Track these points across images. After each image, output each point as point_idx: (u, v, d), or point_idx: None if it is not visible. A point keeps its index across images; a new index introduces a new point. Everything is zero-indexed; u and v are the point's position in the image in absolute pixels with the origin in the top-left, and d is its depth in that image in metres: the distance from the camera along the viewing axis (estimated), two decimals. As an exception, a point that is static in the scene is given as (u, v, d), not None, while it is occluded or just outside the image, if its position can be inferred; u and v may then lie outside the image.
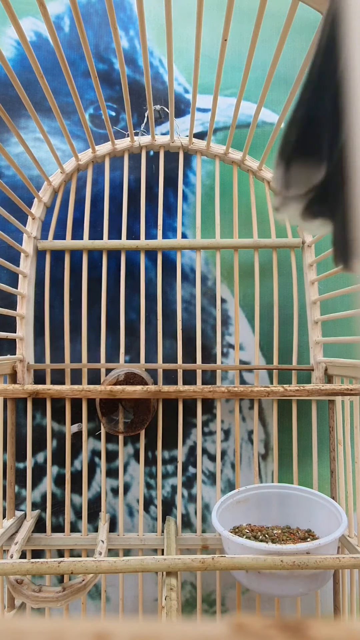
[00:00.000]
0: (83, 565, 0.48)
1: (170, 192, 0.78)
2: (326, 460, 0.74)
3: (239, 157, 0.73)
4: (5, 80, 0.77)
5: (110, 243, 0.73)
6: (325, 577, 0.54)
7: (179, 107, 0.78)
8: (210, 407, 0.75)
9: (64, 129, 0.61)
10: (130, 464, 0.75)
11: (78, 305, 0.74)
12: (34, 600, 0.56)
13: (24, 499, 0.72)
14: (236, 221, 0.74)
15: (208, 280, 0.77)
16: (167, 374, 0.75)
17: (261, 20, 0.42)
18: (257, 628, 0.12)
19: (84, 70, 0.78)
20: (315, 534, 0.63)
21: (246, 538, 0.58)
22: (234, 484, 0.74)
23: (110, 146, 0.73)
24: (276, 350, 0.72)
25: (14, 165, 0.57)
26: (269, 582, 0.53)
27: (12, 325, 0.72)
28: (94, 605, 0.74)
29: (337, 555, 0.49)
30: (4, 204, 0.65)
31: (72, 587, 0.57)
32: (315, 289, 0.72)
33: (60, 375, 0.73)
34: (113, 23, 0.42)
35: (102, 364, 0.72)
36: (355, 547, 0.61)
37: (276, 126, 0.59)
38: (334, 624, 0.13)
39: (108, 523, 0.71)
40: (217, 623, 0.13)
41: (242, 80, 0.52)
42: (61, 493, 0.73)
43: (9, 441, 0.70)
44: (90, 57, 0.48)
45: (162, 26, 0.78)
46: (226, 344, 0.77)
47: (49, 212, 0.74)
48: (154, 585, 0.74)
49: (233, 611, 0.74)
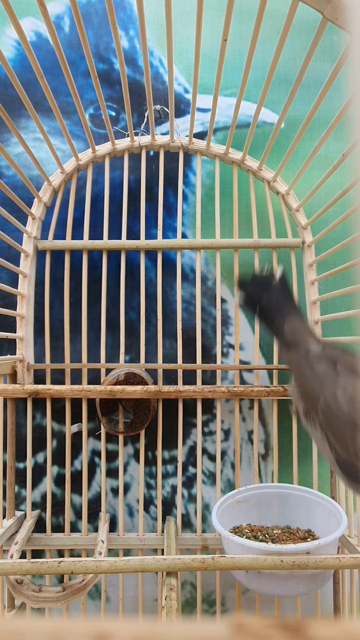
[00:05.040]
0: (83, 565, 0.48)
1: (170, 192, 0.78)
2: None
3: (239, 157, 0.73)
4: (5, 80, 0.77)
5: (110, 243, 0.73)
6: (325, 577, 0.54)
7: (179, 107, 0.78)
8: (210, 407, 0.75)
9: (64, 129, 0.61)
10: (130, 464, 0.75)
11: (78, 305, 0.74)
12: (34, 600, 0.56)
13: (24, 499, 0.72)
14: (236, 221, 0.74)
15: (208, 280, 0.77)
16: (167, 374, 0.75)
17: (261, 20, 0.42)
18: (257, 628, 0.12)
19: (84, 70, 0.78)
20: (315, 534, 0.63)
21: (246, 538, 0.58)
22: (234, 484, 0.74)
23: (110, 146, 0.73)
24: (276, 350, 0.72)
25: (14, 165, 0.57)
26: (269, 582, 0.53)
27: (12, 325, 0.72)
28: (94, 605, 0.74)
29: (337, 555, 0.50)
30: (4, 204, 0.65)
31: (72, 587, 0.57)
32: (315, 289, 0.72)
33: (60, 375, 0.73)
34: (113, 23, 0.42)
35: (102, 364, 0.72)
36: (355, 547, 0.61)
37: (276, 126, 0.59)
38: (334, 624, 0.13)
39: (108, 523, 0.71)
40: (217, 623, 0.13)
41: (242, 80, 0.52)
42: (61, 493, 0.73)
43: (9, 441, 0.70)
44: (90, 57, 0.48)
45: (162, 26, 0.78)
46: (226, 344, 0.77)
47: (49, 212, 0.74)
48: (154, 585, 0.74)
49: (233, 611, 0.74)
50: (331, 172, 0.59)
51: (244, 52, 0.80)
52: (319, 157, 0.72)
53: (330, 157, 0.75)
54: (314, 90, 0.78)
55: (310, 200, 0.71)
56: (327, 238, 0.70)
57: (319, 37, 0.41)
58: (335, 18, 0.38)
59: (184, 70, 0.79)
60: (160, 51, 0.79)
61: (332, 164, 0.57)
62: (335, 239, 0.72)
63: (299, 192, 0.75)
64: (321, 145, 0.57)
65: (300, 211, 0.73)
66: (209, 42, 0.75)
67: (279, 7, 0.61)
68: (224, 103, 0.78)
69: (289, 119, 0.76)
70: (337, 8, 0.37)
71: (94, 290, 0.75)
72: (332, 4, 0.37)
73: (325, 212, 0.63)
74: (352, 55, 0.33)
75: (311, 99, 0.53)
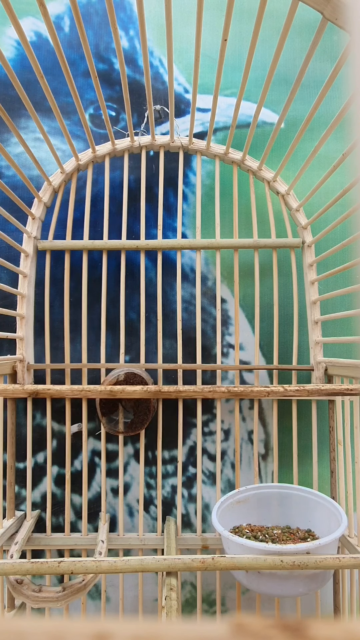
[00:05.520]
0: (83, 565, 0.48)
1: (170, 192, 0.78)
2: (326, 460, 0.74)
3: (239, 157, 0.73)
4: (5, 80, 0.77)
5: (110, 243, 0.73)
6: (325, 577, 0.54)
7: (179, 107, 0.78)
8: (210, 407, 0.75)
9: (64, 129, 0.61)
10: (130, 464, 0.75)
11: (78, 305, 0.74)
12: (34, 600, 0.56)
13: (24, 499, 0.72)
14: (236, 221, 0.74)
15: (208, 280, 0.77)
16: (167, 374, 0.75)
17: (261, 20, 0.42)
18: (257, 628, 0.12)
19: (84, 70, 0.78)
20: (315, 534, 0.63)
21: (246, 538, 0.58)
22: (234, 484, 0.74)
23: (110, 146, 0.73)
24: (276, 350, 0.72)
25: (14, 165, 0.57)
26: (269, 582, 0.53)
27: (12, 325, 0.72)
28: (94, 605, 0.74)
29: (337, 555, 0.49)
30: (4, 204, 0.65)
31: (72, 587, 0.57)
32: (315, 289, 0.72)
33: (60, 375, 0.73)
34: (113, 23, 0.42)
35: (102, 364, 0.72)
36: (355, 547, 0.61)
37: (276, 126, 0.59)
38: (334, 624, 0.13)
39: (108, 523, 0.71)
40: (217, 623, 0.13)
41: (242, 80, 0.52)
42: (61, 493, 0.73)
43: (9, 441, 0.70)
44: (90, 57, 0.48)
45: (162, 26, 0.79)
46: (226, 344, 0.77)
47: (49, 212, 0.74)
48: (154, 585, 0.74)
49: (233, 611, 0.74)
50: (331, 172, 0.59)
51: (244, 52, 0.81)
52: (319, 157, 0.73)
53: (330, 157, 0.75)
54: (314, 90, 0.78)
55: (310, 200, 0.71)
56: (327, 238, 0.70)
57: (319, 37, 0.41)
58: (335, 18, 0.38)
59: (184, 70, 0.79)
60: (160, 51, 0.79)
61: (332, 164, 0.57)
62: (335, 239, 0.72)
63: (299, 192, 0.75)
64: (321, 145, 0.57)
65: (300, 211, 0.73)
66: (209, 42, 0.76)
67: (279, 7, 0.61)
68: (224, 103, 0.78)
69: (289, 119, 0.76)
70: (337, 8, 0.37)
71: (94, 290, 0.75)
72: (332, 4, 0.37)
73: (325, 212, 0.63)
74: (352, 55, 0.33)
75: (311, 99, 0.53)
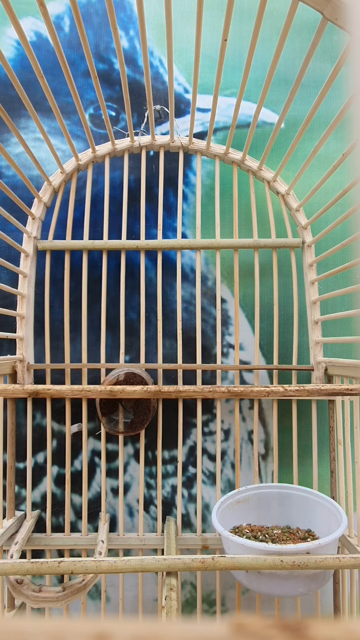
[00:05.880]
0: (83, 565, 0.48)
1: (170, 192, 0.78)
2: (326, 460, 0.74)
3: (239, 157, 0.73)
4: (5, 80, 0.77)
5: (110, 243, 0.73)
6: (325, 577, 0.54)
7: (179, 107, 0.78)
8: (210, 407, 0.75)
9: (64, 129, 0.61)
10: (130, 464, 0.75)
11: (78, 305, 0.74)
12: (34, 600, 0.56)
13: (24, 499, 0.72)
14: (236, 221, 0.74)
15: (208, 280, 0.77)
16: (167, 374, 0.75)
17: (261, 20, 0.42)
18: (257, 628, 0.12)
19: (84, 70, 0.78)
20: (315, 534, 0.63)
21: (246, 538, 0.58)
22: (234, 484, 0.74)
23: (110, 146, 0.73)
24: (276, 350, 0.72)
25: (14, 165, 0.57)
26: (269, 582, 0.53)
27: (12, 325, 0.73)
28: (94, 605, 0.74)
29: (337, 555, 0.49)
30: (4, 204, 0.65)
31: (72, 587, 0.57)
32: (315, 289, 0.72)
33: (60, 375, 0.73)
34: (113, 23, 0.42)
35: (102, 364, 0.72)
36: (355, 547, 0.61)
37: (276, 126, 0.59)
38: (334, 624, 0.13)
39: (108, 523, 0.71)
40: (217, 623, 0.13)
41: (242, 80, 0.52)
42: (61, 493, 0.73)
43: (9, 441, 0.70)
44: (90, 57, 0.48)
45: (162, 26, 0.79)
46: (226, 344, 0.77)
47: (49, 212, 0.74)
48: (154, 585, 0.74)
49: (233, 611, 0.74)
50: (331, 172, 0.59)
51: (244, 52, 0.81)
52: (319, 157, 0.73)
53: (330, 157, 0.75)
54: (314, 90, 0.78)
55: (310, 200, 0.71)
56: (327, 238, 0.70)
57: (319, 37, 0.41)
58: (335, 18, 0.38)
59: (184, 70, 0.79)
60: (160, 51, 0.79)
61: (332, 164, 0.57)
62: (335, 239, 0.72)
63: (299, 192, 0.75)
64: (321, 145, 0.57)
65: (300, 211, 0.73)
66: (209, 42, 0.76)
67: (279, 7, 0.61)
68: (224, 103, 0.78)
69: (289, 119, 0.76)
70: (337, 8, 0.37)
71: (94, 290, 0.75)
72: (332, 4, 0.37)
73: (325, 212, 0.63)
74: (352, 55, 0.33)
75: (311, 99, 0.53)
